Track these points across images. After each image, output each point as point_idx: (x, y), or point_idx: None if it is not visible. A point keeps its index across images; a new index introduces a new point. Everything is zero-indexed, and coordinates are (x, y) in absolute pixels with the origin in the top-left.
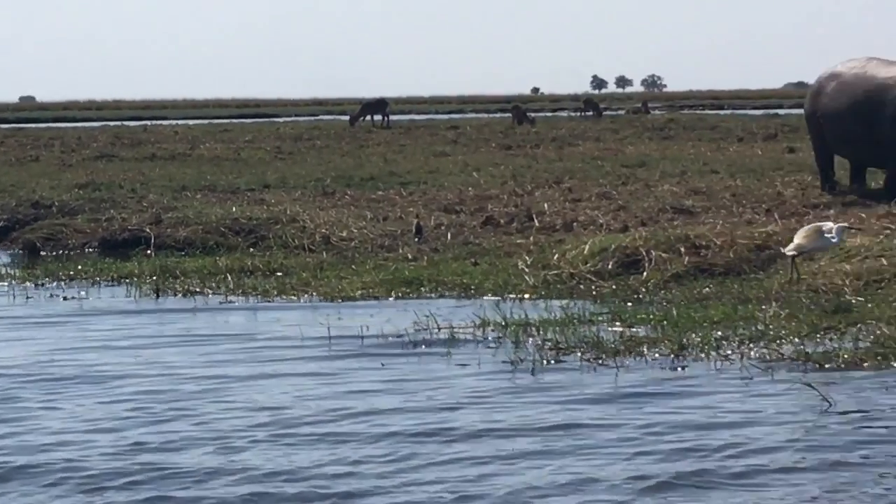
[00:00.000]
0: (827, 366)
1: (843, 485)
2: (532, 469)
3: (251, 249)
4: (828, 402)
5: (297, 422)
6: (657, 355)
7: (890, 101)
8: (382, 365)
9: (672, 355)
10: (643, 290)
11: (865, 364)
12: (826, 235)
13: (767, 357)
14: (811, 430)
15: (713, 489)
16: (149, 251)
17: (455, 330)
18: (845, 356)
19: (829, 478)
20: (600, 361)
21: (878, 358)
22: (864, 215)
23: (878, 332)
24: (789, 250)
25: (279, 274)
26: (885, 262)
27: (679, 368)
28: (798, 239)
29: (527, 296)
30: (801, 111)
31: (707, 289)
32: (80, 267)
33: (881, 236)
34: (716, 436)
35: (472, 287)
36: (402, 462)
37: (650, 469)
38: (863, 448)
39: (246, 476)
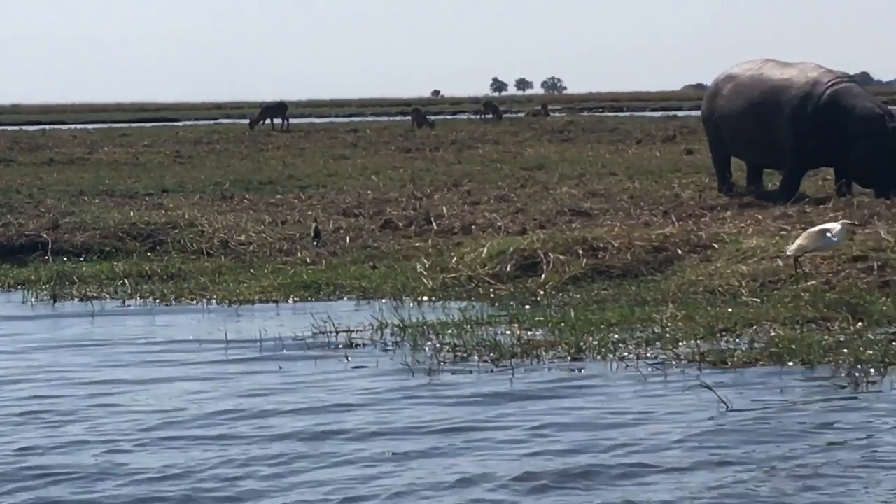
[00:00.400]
0: (722, 366)
1: (730, 483)
2: (422, 469)
3: (149, 254)
4: (723, 402)
5: (189, 424)
6: (554, 357)
7: (786, 103)
8: (280, 368)
9: (569, 357)
10: (541, 292)
11: (760, 364)
12: (828, 236)
13: (664, 358)
14: (704, 430)
15: (600, 488)
16: (46, 257)
17: (353, 333)
18: (741, 357)
19: (717, 476)
20: (497, 363)
21: (773, 358)
22: (760, 216)
23: (773, 332)
24: (791, 251)
25: (177, 278)
26: (780, 262)
27: (576, 370)
28: (800, 240)
29: (425, 299)
30: (699, 113)
31: (604, 291)
32: None
33: (777, 237)
34: (608, 435)
35: (371, 290)
36: (291, 464)
37: (540, 468)
38: (754, 447)
39: (134, 479)
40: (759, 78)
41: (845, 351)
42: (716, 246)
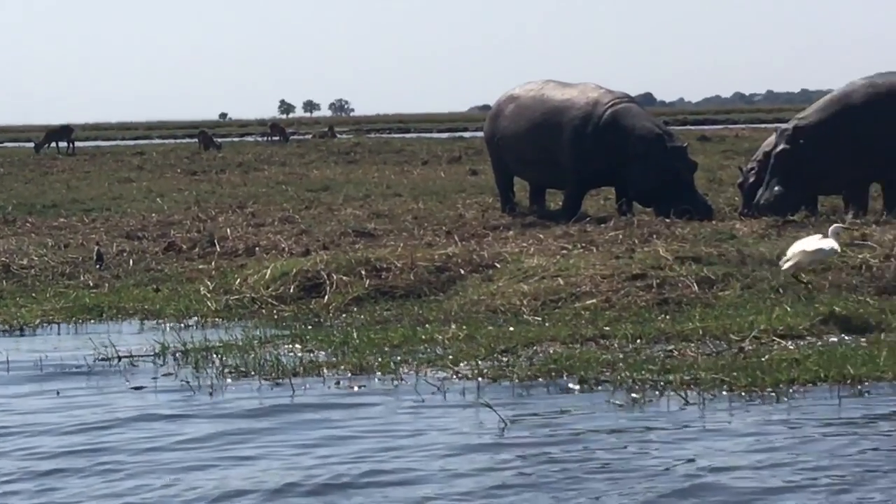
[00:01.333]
0: (503, 385)
1: (506, 497)
2: (183, 483)
3: None
4: (502, 421)
5: None
6: (336, 377)
7: (566, 123)
8: (58, 393)
9: (350, 376)
10: (324, 313)
11: (540, 383)
12: (823, 248)
13: (445, 378)
14: (480, 450)
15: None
16: None
17: (135, 356)
18: (521, 376)
19: (492, 494)
20: (279, 383)
21: (553, 377)
22: (542, 236)
23: (553, 351)
24: (786, 268)
25: None
26: (561, 281)
27: (356, 389)
28: (795, 257)
29: (209, 320)
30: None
31: (387, 311)
32: None
33: (558, 256)
34: (380, 453)
35: (154, 313)
36: (60, 480)
37: (304, 480)
38: (529, 467)
39: None
40: (541, 99)
41: (623, 368)
42: (498, 265)
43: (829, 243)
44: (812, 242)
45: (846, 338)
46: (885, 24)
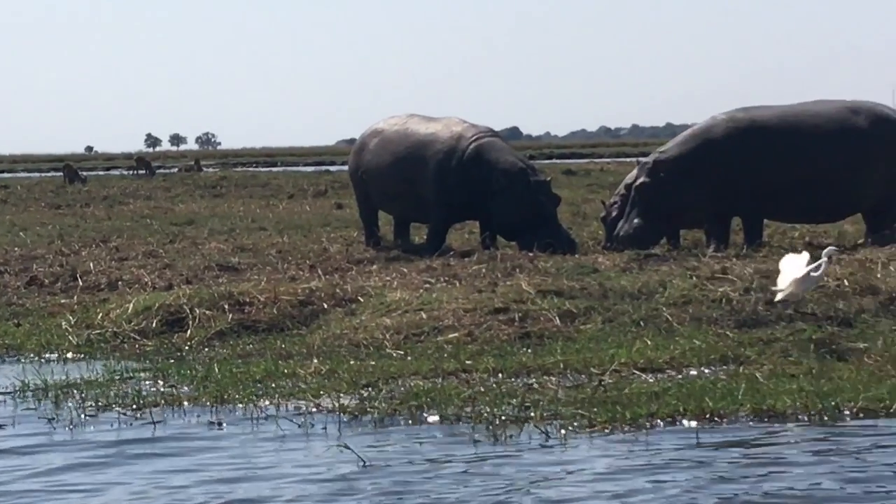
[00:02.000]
0: (364, 420)
1: None
2: None
3: None
4: (361, 459)
5: None
6: (196, 411)
7: (430, 157)
8: None
9: (211, 411)
10: (186, 347)
11: (401, 417)
12: (812, 276)
13: (306, 412)
14: (340, 485)
15: None
16: None
17: None
18: (382, 410)
19: None
20: (139, 417)
21: (414, 411)
22: (405, 270)
23: (415, 385)
24: (782, 300)
25: None
26: (424, 315)
27: (216, 424)
28: (789, 288)
29: (70, 355)
30: None
31: (250, 345)
32: None
33: (421, 290)
34: (233, 488)
35: (15, 348)
36: None
37: None
38: (386, 502)
39: None
40: (405, 133)
41: (484, 403)
42: (361, 299)
43: (818, 270)
44: (799, 269)
45: (706, 371)
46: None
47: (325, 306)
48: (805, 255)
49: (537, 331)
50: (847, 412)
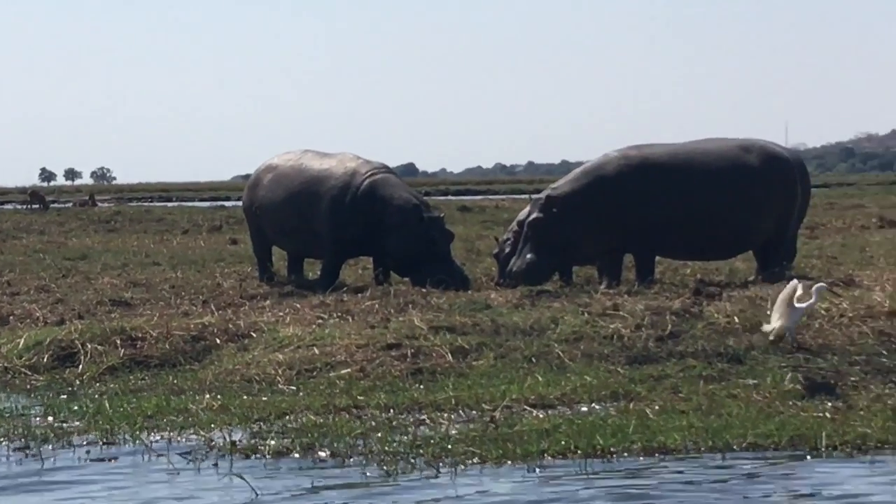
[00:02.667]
0: (255, 456)
1: None
2: None
3: None
4: (254, 492)
5: None
6: (86, 447)
7: (324, 193)
8: None
9: (101, 447)
10: (78, 382)
11: (293, 453)
12: (798, 307)
13: (197, 448)
14: None
15: None
16: None
17: None
18: (274, 446)
19: None
20: (28, 452)
21: (305, 447)
22: (298, 305)
23: (307, 420)
24: (774, 337)
25: None
26: (317, 350)
27: (106, 459)
28: (780, 323)
29: None
30: None
31: (142, 380)
32: None
33: (314, 325)
34: None
35: None
36: None
37: None
38: None
39: None
40: (299, 168)
41: (375, 440)
42: (254, 335)
43: (807, 301)
44: (786, 303)
45: (597, 407)
46: (645, 97)
47: (218, 342)
48: (794, 283)
49: (429, 367)
50: (736, 448)
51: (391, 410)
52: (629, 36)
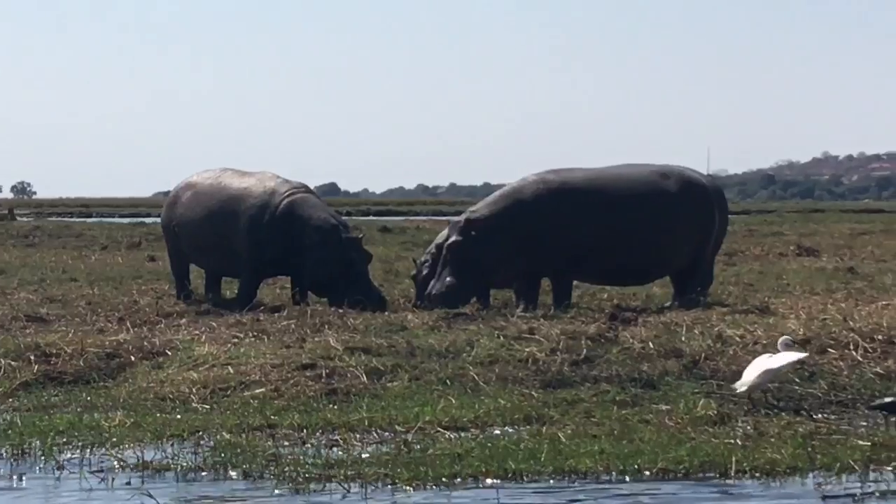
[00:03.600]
0: (167, 474)
1: None
2: None
3: None
4: None
5: None
6: None
7: (243, 212)
8: None
9: (11, 463)
10: None
11: (205, 472)
12: (773, 369)
13: (109, 466)
14: None
15: None
16: None
17: None
18: (186, 465)
19: None
20: None
21: (217, 466)
22: (215, 324)
23: (220, 438)
24: (743, 390)
25: None
26: (231, 370)
27: (16, 477)
28: (754, 378)
29: None
30: None
31: (55, 397)
32: None
33: (230, 344)
34: None
35: None
36: None
37: None
38: None
39: None
40: (218, 186)
41: (288, 461)
42: (169, 353)
43: (785, 358)
44: (762, 363)
45: (510, 430)
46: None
47: (133, 359)
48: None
49: (344, 387)
50: (648, 473)
51: (304, 431)
52: (551, 59)
